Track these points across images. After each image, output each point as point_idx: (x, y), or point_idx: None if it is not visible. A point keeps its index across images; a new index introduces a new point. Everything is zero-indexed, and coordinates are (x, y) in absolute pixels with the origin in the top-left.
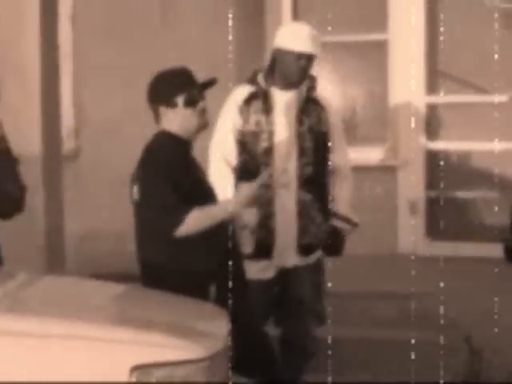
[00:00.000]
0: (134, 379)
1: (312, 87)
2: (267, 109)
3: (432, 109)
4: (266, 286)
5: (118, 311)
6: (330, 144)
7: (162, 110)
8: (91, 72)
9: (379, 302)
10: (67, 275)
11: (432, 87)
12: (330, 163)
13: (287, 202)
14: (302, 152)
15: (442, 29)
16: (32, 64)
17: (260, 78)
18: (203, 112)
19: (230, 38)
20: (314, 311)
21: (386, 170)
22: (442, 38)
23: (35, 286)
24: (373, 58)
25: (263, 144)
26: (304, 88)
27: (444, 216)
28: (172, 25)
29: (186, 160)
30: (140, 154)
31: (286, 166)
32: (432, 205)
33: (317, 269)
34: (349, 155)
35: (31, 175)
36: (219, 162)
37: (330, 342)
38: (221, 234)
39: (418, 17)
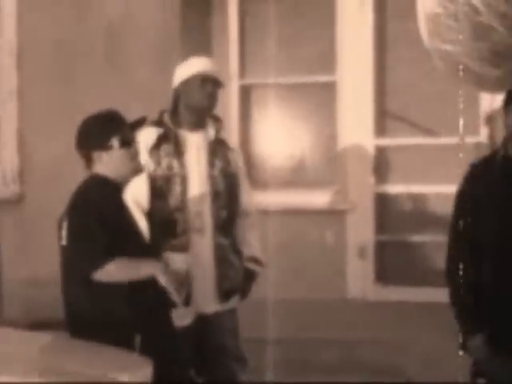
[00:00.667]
0: None
1: (219, 128)
2: (178, 151)
3: (381, 151)
4: (185, 333)
5: (27, 361)
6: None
7: (96, 154)
8: (36, 112)
9: (323, 348)
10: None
11: (380, 129)
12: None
13: (203, 248)
14: (215, 195)
15: (389, 70)
16: None
17: (167, 119)
18: (136, 154)
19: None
20: (236, 356)
21: (335, 214)
22: (389, 79)
23: None
24: (321, 100)
25: (177, 188)
26: (211, 130)
27: (394, 260)
28: (118, 65)
29: (117, 203)
30: (70, 198)
31: (200, 210)
32: (381, 249)
33: (233, 313)
34: (252, 197)
35: None
36: (134, 210)
37: None
38: (145, 282)
39: (366, 59)
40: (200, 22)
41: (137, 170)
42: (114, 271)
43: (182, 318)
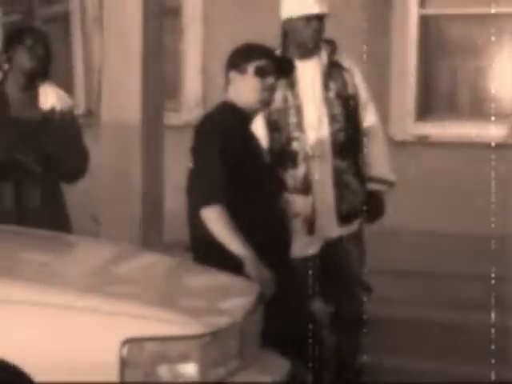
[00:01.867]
0: (125, 352)
1: (333, 51)
2: (292, 83)
3: None
4: (312, 262)
5: (135, 283)
6: (360, 106)
7: (232, 75)
8: (219, 37)
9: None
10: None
11: None
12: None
13: (323, 173)
14: (332, 119)
15: None
16: (134, 32)
17: (278, 54)
18: (271, 88)
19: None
20: (361, 281)
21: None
22: None
23: (65, 252)
24: (500, 32)
25: (293, 119)
26: (324, 54)
27: None
28: None
29: (244, 133)
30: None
31: (318, 136)
32: None
33: (359, 238)
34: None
35: (130, 142)
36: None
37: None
38: (267, 211)
39: None
40: None
41: (266, 101)
42: (213, 220)
43: (308, 246)
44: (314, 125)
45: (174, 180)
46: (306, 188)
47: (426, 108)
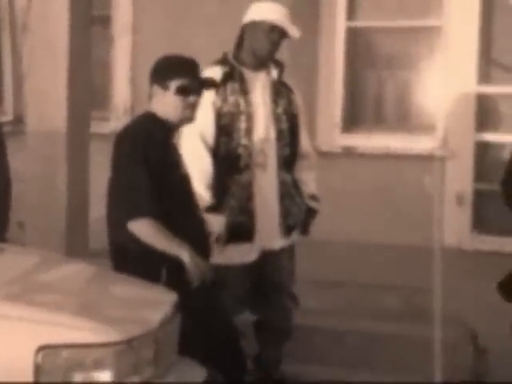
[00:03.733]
0: (39, 359)
1: (281, 71)
2: (244, 89)
3: (483, 99)
4: (248, 269)
5: (53, 291)
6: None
7: (154, 89)
8: (148, 47)
9: (412, 295)
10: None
11: (484, 77)
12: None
13: (267, 184)
14: (279, 133)
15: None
16: (61, 40)
17: (231, 58)
18: (193, 106)
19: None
20: (289, 293)
21: (435, 160)
22: (495, 26)
23: None
24: (426, 45)
25: (242, 125)
26: (274, 71)
27: (491, 209)
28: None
29: (166, 144)
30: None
31: (265, 147)
32: (479, 197)
33: (291, 250)
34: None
35: (56, 151)
36: (197, 143)
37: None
38: (187, 222)
39: (472, 4)
40: None
41: (187, 119)
42: (144, 231)
43: (246, 254)
44: (263, 134)
45: (100, 189)
46: (248, 196)
47: (352, 119)
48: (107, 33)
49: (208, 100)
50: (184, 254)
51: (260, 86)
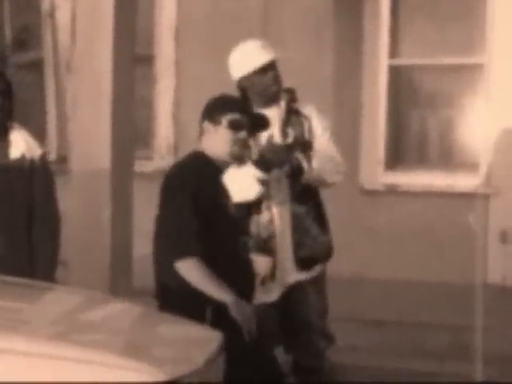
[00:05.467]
0: None
1: (291, 99)
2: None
3: None
4: (272, 308)
5: (100, 331)
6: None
7: (206, 125)
8: (190, 86)
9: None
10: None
11: None
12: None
13: (284, 219)
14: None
15: None
16: (105, 78)
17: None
18: (243, 142)
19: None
20: (321, 331)
21: (479, 198)
22: None
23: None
24: (469, 82)
25: None
26: (283, 101)
27: None
28: (272, 41)
29: (216, 183)
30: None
31: (279, 182)
32: None
33: (319, 284)
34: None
35: (100, 190)
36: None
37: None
38: (233, 264)
39: None
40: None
41: (237, 156)
42: (192, 273)
43: (268, 293)
44: (275, 171)
45: (143, 227)
46: (268, 235)
47: (395, 157)
48: (150, 72)
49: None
50: (228, 299)
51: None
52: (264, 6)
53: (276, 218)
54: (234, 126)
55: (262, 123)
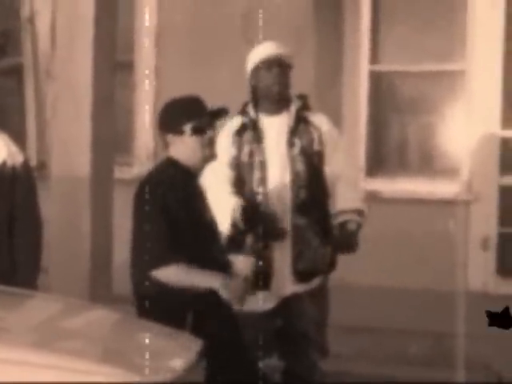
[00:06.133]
0: None
1: (303, 107)
2: (258, 137)
3: (507, 143)
4: (267, 317)
5: (79, 338)
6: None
7: (170, 137)
8: (171, 92)
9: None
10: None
11: (508, 121)
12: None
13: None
14: (295, 175)
15: None
16: (84, 85)
17: (249, 108)
18: (210, 142)
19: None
20: (316, 343)
21: (459, 204)
22: None
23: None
24: (449, 89)
25: (257, 174)
26: (293, 109)
27: None
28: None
29: (189, 189)
30: (143, 176)
31: (280, 193)
32: (504, 241)
33: (319, 296)
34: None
35: (80, 196)
36: (219, 186)
37: None
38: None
39: (496, 48)
40: (333, 5)
41: (208, 157)
42: (172, 276)
43: (263, 301)
44: (277, 181)
45: (123, 234)
46: (264, 244)
47: (376, 164)
48: (130, 78)
49: (225, 150)
50: (217, 284)
51: (276, 131)
52: (244, 15)
53: None
54: (199, 132)
55: (221, 115)
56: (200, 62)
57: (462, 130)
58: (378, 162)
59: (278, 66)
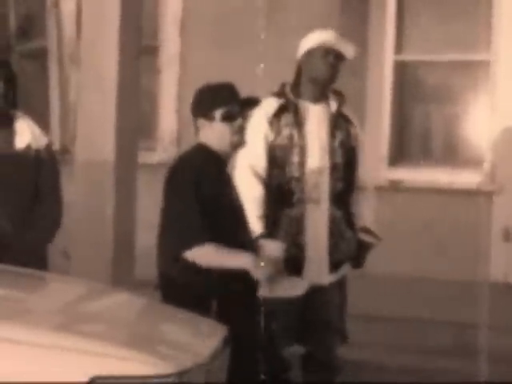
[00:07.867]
0: None
1: (341, 102)
2: (299, 122)
3: None
4: (296, 303)
5: (103, 322)
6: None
7: (200, 122)
8: (194, 77)
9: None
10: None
11: None
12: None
13: (318, 218)
14: (333, 167)
15: None
16: (110, 70)
17: (287, 91)
18: (240, 129)
19: None
20: (338, 329)
21: (482, 195)
22: None
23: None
24: (475, 78)
25: (295, 158)
26: (333, 103)
27: None
28: (276, 34)
29: (219, 174)
30: (174, 160)
31: (318, 181)
32: None
33: (342, 285)
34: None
35: (103, 181)
36: (248, 174)
37: None
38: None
39: None
40: None
41: (237, 144)
42: (204, 256)
43: (294, 288)
44: (316, 169)
45: (146, 218)
46: (298, 230)
47: (399, 153)
48: (154, 63)
49: (261, 132)
50: (248, 264)
51: (316, 119)
52: (270, 1)
53: (310, 216)
54: (229, 118)
55: (252, 104)
56: (224, 48)
57: (486, 120)
58: (402, 151)
59: (334, 56)
